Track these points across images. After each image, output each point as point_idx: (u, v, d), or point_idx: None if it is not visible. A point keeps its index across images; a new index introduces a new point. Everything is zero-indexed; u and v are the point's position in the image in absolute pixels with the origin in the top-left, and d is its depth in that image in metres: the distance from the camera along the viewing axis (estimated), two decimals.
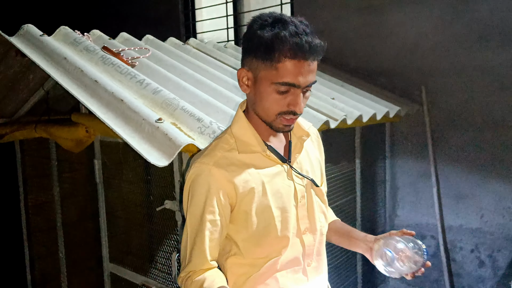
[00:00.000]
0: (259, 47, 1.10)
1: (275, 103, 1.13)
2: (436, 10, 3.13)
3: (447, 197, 3.24)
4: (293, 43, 1.07)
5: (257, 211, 1.19)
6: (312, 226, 1.28)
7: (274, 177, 1.22)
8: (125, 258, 2.31)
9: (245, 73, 1.17)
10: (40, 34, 2.05)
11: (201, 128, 1.64)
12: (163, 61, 2.27)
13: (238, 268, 1.27)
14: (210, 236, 1.17)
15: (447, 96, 3.15)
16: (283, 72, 1.08)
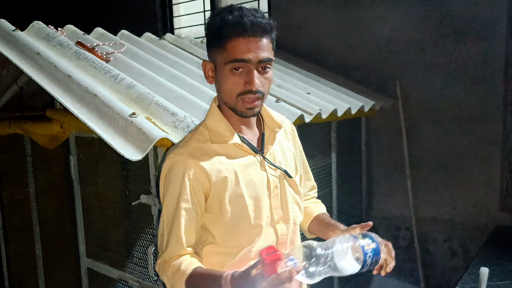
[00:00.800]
0: (211, 36, 1.18)
1: (233, 84, 1.17)
2: (410, 5, 3.19)
3: (421, 190, 3.32)
4: (237, 22, 1.12)
5: (231, 200, 1.23)
6: (285, 216, 1.31)
7: (247, 167, 1.26)
8: (102, 254, 2.31)
9: (208, 65, 1.23)
10: (12, 29, 2.03)
11: (175, 122, 1.65)
12: (139, 56, 2.27)
13: (213, 257, 1.30)
14: (185, 224, 1.21)
15: (421, 91, 3.23)
16: (232, 50, 1.13)
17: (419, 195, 3.33)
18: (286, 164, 1.35)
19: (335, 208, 3.13)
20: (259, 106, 1.22)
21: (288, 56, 3.50)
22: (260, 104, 1.21)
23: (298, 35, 3.70)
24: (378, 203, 3.55)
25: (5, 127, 2.55)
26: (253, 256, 1.26)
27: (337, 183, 3.12)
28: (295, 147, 1.45)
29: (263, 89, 1.19)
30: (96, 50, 2.13)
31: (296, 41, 3.71)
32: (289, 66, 3.14)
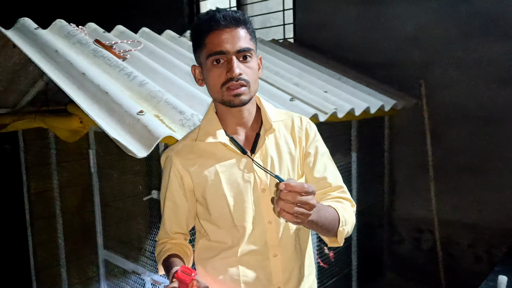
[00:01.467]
0: (193, 39, 1.26)
1: (217, 76, 1.20)
2: (435, 2, 3.10)
3: (445, 192, 3.23)
4: (209, 19, 1.20)
5: (212, 198, 1.27)
6: (275, 218, 1.29)
7: (232, 168, 1.27)
8: (117, 246, 2.38)
9: (197, 68, 1.29)
10: (34, 27, 2.11)
11: (182, 120, 1.67)
12: (155, 53, 2.30)
13: (204, 251, 1.36)
14: (169, 215, 1.35)
15: (446, 90, 3.13)
16: (210, 45, 1.19)
17: (442, 197, 3.24)
18: (282, 166, 1.31)
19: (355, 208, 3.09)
20: (246, 93, 1.22)
21: (309, 53, 3.46)
22: (247, 91, 1.21)
23: (320, 32, 3.66)
24: (401, 204, 3.48)
25: (31, 120, 2.64)
26: (240, 256, 1.28)
27: (358, 182, 3.08)
28: (300, 146, 1.37)
29: (247, 77, 1.20)
30: (114, 48, 2.18)
31: (319, 38, 3.67)
32: (309, 63, 3.11)
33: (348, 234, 1.30)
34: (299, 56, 3.25)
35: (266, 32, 4.15)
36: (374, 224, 3.48)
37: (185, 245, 1.37)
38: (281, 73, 2.68)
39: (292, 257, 1.33)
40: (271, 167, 1.30)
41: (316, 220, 1.11)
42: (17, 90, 2.80)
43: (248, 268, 1.29)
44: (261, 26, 4.28)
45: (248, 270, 1.28)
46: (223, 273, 1.30)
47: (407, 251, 3.51)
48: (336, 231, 1.24)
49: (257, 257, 1.29)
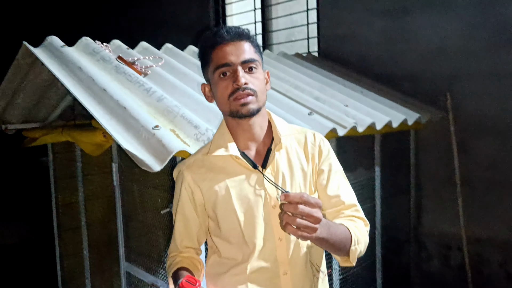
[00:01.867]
0: (200, 57, 1.31)
1: (224, 88, 1.23)
2: (462, 12, 3.03)
3: (474, 207, 3.12)
4: (213, 35, 1.25)
5: (223, 214, 1.27)
6: (286, 235, 1.27)
7: (242, 183, 1.27)
8: (138, 258, 2.41)
9: (206, 87, 1.34)
10: (61, 45, 2.19)
11: (197, 135, 1.69)
12: (176, 69, 2.35)
13: (214, 267, 1.35)
14: (179, 229, 1.36)
15: (474, 102, 3.04)
16: (216, 59, 1.24)
17: (471, 213, 3.13)
18: (293, 182, 1.30)
19: (379, 224, 3.02)
20: (254, 103, 1.23)
21: (333, 67, 3.45)
22: (254, 101, 1.23)
23: (345, 45, 3.65)
24: (428, 219, 3.38)
25: (58, 134, 2.73)
26: (249, 273, 1.26)
27: (382, 197, 3.02)
28: (313, 162, 1.35)
29: (253, 87, 1.22)
30: (136, 64, 2.24)
31: (343, 51, 3.65)
32: (331, 77, 3.10)
33: (361, 254, 1.27)
34: (321, 69, 3.24)
35: (290, 46, 4.17)
36: (401, 239, 3.39)
37: (195, 258, 1.37)
38: (301, 87, 2.68)
39: (303, 276, 1.30)
40: (283, 183, 1.28)
41: (326, 237, 1.09)
42: (47, 105, 2.92)
43: (257, 285, 1.27)
44: (286, 40, 4.30)
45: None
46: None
47: (436, 269, 3.39)
48: (348, 250, 1.21)
49: (266, 274, 1.27)
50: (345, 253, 1.22)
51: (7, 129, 2.88)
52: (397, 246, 3.43)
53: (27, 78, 2.48)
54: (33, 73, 2.51)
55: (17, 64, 2.30)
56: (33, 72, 2.50)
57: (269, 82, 1.34)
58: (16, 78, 2.43)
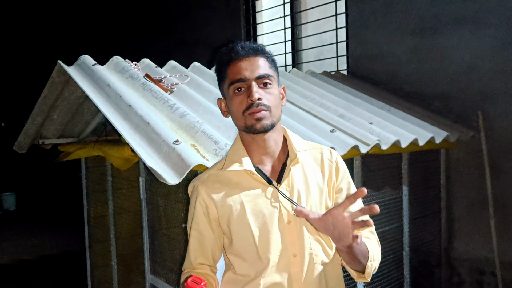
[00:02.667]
0: (217, 73, 1.34)
1: (239, 103, 1.25)
2: (493, 30, 2.97)
3: (508, 231, 2.99)
4: (229, 51, 1.28)
5: (237, 228, 1.27)
6: (301, 252, 1.27)
7: (257, 198, 1.27)
8: (162, 271, 2.45)
9: (222, 101, 1.36)
10: (92, 64, 2.31)
11: (216, 150, 1.73)
12: (202, 86, 2.41)
13: (228, 285, 1.34)
14: (194, 245, 1.36)
15: (507, 122, 2.95)
16: (231, 75, 1.26)
17: (505, 236, 3.00)
18: (308, 198, 1.30)
19: (407, 245, 2.95)
20: (268, 118, 1.24)
21: (361, 85, 3.44)
22: (268, 116, 1.24)
23: (374, 63, 3.63)
24: (460, 242, 3.26)
25: (90, 149, 2.85)
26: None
27: (410, 218, 2.95)
28: (329, 179, 1.36)
29: (267, 102, 1.23)
30: (163, 82, 2.32)
31: (373, 69, 3.63)
32: (358, 95, 3.09)
33: (375, 270, 1.28)
34: (349, 87, 3.23)
35: (320, 65, 4.19)
36: (431, 263, 3.28)
37: (209, 274, 1.36)
38: (326, 105, 2.69)
39: None
40: (298, 198, 1.28)
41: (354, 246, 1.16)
42: (81, 121, 3.05)
43: None
44: (315, 59, 4.32)
45: None
46: None
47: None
48: (365, 266, 1.23)
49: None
50: (362, 268, 1.24)
51: (44, 144, 3.03)
52: (427, 270, 3.32)
53: (62, 95, 2.61)
54: (68, 90, 2.64)
55: (52, 81, 2.43)
56: (67, 90, 2.63)
57: (285, 98, 1.36)
58: (51, 95, 2.56)
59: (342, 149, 2.10)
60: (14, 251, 5.66)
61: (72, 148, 3.07)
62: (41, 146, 3.05)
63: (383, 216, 2.76)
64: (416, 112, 3.08)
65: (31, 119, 2.77)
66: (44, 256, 5.39)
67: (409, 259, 2.96)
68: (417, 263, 3.19)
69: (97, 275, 3.27)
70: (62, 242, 5.73)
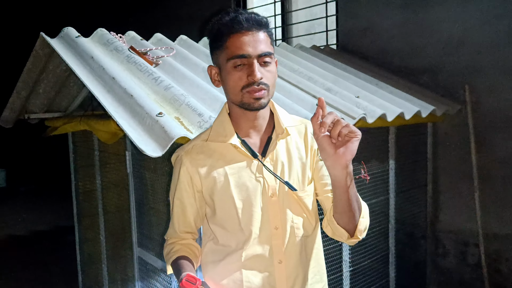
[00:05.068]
0: (212, 39, 1.24)
1: (238, 79, 1.19)
2: (483, 4, 2.96)
3: (492, 204, 3.05)
4: (231, 20, 1.18)
5: (220, 200, 1.27)
6: (283, 225, 1.28)
7: (241, 170, 1.27)
8: (150, 244, 2.47)
9: (213, 69, 1.27)
10: (76, 36, 2.27)
11: (200, 122, 1.73)
12: (188, 59, 2.39)
13: (210, 254, 1.36)
14: (177, 213, 1.37)
15: (494, 96, 2.97)
16: (232, 48, 1.18)
17: (489, 208, 3.06)
18: (291, 172, 1.30)
19: (393, 217, 3.00)
20: (266, 97, 1.21)
21: (351, 59, 3.42)
22: (266, 95, 1.20)
23: (364, 37, 3.60)
24: (445, 215, 3.32)
25: (77, 123, 2.82)
26: (244, 261, 1.27)
27: (396, 191, 2.99)
28: (312, 153, 1.35)
29: (267, 81, 1.19)
30: (148, 55, 2.29)
31: (362, 44, 3.61)
32: (347, 69, 3.08)
33: (366, 230, 1.27)
34: (337, 62, 3.22)
35: (310, 39, 4.15)
36: (417, 235, 3.35)
37: (193, 245, 1.39)
38: (314, 79, 2.68)
39: (297, 264, 1.30)
40: (281, 172, 1.28)
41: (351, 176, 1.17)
42: (68, 95, 3.02)
43: (251, 273, 1.28)
44: (305, 33, 4.28)
45: (252, 276, 1.28)
46: (226, 277, 1.30)
47: (452, 265, 3.33)
48: (357, 223, 1.23)
49: (261, 262, 1.28)
50: (353, 225, 1.23)
51: (30, 118, 3.00)
52: (412, 241, 3.39)
53: (46, 68, 2.58)
54: (52, 63, 2.60)
55: (36, 54, 2.39)
56: (52, 63, 2.59)
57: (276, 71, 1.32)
58: (35, 69, 2.52)
59: None
60: (5, 226, 5.69)
61: (59, 122, 3.04)
62: (27, 120, 3.02)
63: (370, 189, 2.79)
64: (404, 86, 3.08)
65: (15, 93, 2.73)
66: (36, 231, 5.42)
67: (395, 231, 3.01)
68: (403, 235, 3.24)
69: (86, 249, 3.30)
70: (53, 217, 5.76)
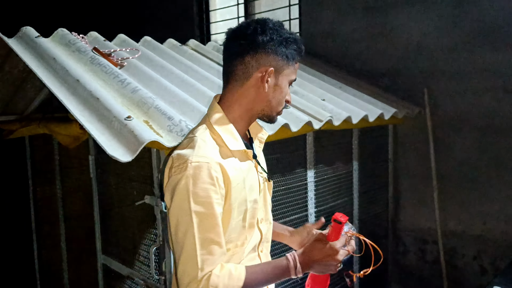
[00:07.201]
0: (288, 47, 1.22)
1: (286, 96, 1.28)
2: (441, 10, 3.07)
3: (449, 203, 3.17)
4: (301, 48, 1.26)
5: (238, 204, 1.20)
6: (266, 216, 1.37)
7: (249, 172, 1.27)
8: (115, 251, 2.41)
9: (270, 72, 1.21)
10: (35, 36, 2.18)
11: (170, 126, 1.70)
12: (153, 61, 2.35)
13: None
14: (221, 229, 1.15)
15: (451, 99, 3.09)
16: (295, 71, 1.27)
17: (447, 208, 3.19)
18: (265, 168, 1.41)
19: (356, 217, 3.07)
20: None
21: (314, 62, 3.47)
22: None
23: (326, 41, 3.67)
24: (405, 214, 3.43)
25: (36, 127, 2.72)
26: (245, 256, 1.29)
27: (359, 191, 3.06)
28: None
29: None
30: (112, 56, 2.24)
31: (325, 47, 3.67)
32: (311, 72, 3.12)
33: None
34: (302, 65, 3.26)
35: None
36: (379, 234, 3.44)
37: None
38: None
39: (268, 253, 1.42)
40: None
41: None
42: (25, 97, 2.89)
43: None
44: None
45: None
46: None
47: (412, 262, 3.45)
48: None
49: (253, 254, 1.34)
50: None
51: None
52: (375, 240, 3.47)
53: (3, 69, 2.46)
54: (9, 64, 2.48)
55: None
56: (9, 63, 2.48)
57: None
58: None
59: (296, 125, 2.13)
60: None
61: (15, 126, 2.92)
62: None
63: (335, 190, 2.85)
64: (366, 89, 3.16)
65: None
66: None
67: (359, 231, 3.08)
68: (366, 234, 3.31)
69: (45, 256, 3.17)
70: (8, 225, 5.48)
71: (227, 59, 1.24)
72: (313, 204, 2.64)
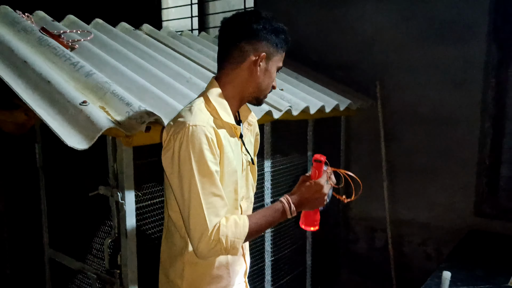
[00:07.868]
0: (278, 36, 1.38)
1: (273, 80, 1.43)
2: (394, 5, 3.16)
3: (398, 192, 3.30)
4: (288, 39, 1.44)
5: (228, 172, 1.34)
6: (247, 195, 1.50)
7: (237, 147, 1.41)
8: (64, 244, 2.29)
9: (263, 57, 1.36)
10: None
11: (129, 112, 1.62)
12: (107, 45, 2.23)
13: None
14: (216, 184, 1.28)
15: (401, 92, 3.20)
16: (282, 59, 1.43)
17: (396, 197, 3.31)
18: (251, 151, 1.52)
19: None
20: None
21: None
22: None
23: None
24: (356, 203, 3.52)
25: None
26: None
27: None
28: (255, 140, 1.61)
29: None
30: (62, 38, 2.10)
31: None
32: None
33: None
34: None
35: None
36: (330, 223, 3.51)
37: None
38: None
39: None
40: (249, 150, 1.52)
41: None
42: None
43: None
44: None
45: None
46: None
47: (362, 250, 3.56)
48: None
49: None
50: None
51: None
52: (327, 229, 3.55)
53: None
54: None
55: None
56: None
57: None
58: None
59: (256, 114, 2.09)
60: None
61: None
62: None
63: (291, 179, 2.86)
64: (322, 81, 3.20)
65: None
66: None
67: None
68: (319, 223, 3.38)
69: None
70: None
71: (223, 44, 1.39)
72: (269, 194, 2.64)
